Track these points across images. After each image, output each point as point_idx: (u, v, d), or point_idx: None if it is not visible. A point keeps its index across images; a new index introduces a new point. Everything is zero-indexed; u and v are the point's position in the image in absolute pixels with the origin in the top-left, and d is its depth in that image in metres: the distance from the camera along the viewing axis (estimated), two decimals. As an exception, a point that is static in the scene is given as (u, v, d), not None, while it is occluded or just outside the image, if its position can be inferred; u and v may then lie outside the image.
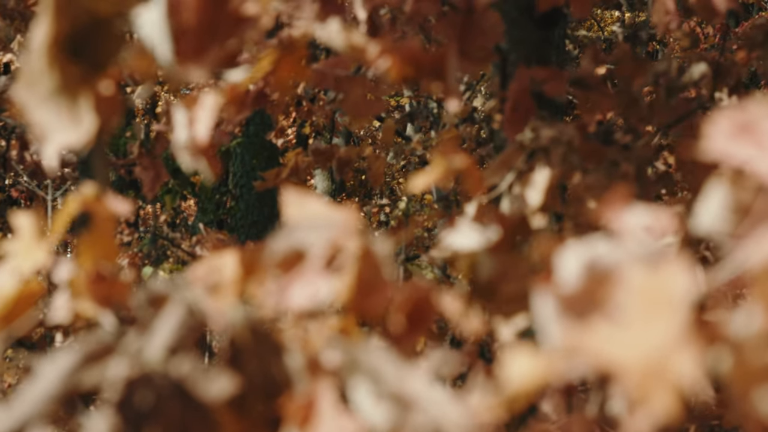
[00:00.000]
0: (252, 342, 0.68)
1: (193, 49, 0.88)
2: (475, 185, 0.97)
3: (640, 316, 0.57)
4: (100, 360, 0.66)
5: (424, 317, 0.75)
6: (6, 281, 0.86)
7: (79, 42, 0.84)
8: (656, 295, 0.57)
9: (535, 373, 0.61)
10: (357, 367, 0.66)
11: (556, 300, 0.61)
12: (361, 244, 0.70)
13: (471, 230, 0.90)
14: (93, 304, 0.87)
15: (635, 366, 0.56)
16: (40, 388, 0.65)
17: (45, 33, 0.83)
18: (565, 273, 0.61)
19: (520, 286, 0.90)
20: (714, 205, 0.62)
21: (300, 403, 0.67)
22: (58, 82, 0.83)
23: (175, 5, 0.89)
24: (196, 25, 0.90)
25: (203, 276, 0.74)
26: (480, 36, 1.47)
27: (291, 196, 0.78)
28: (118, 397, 0.64)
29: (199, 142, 0.96)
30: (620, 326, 0.57)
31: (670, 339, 0.57)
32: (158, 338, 0.68)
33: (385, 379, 0.66)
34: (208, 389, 0.65)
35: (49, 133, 0.84)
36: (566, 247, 0.61)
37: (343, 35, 1.06)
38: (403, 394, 0.64)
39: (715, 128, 0.62)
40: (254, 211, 5.71)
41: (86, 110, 0.84)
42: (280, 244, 0.71)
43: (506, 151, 1.38)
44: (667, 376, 0.55)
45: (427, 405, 0.64)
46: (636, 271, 0.59)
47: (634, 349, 0.56)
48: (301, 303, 0.70)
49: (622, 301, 0.59)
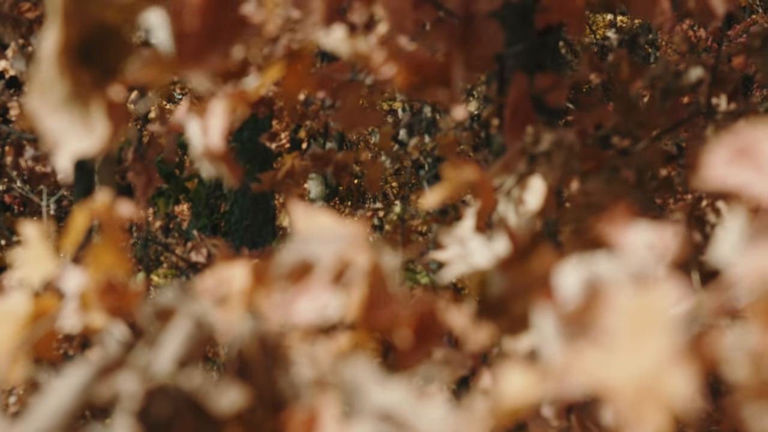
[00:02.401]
0: (260, 355, 0.68)
1: (195, 52, 0.88)
2: (487, 198, 0.98)
3: (630, 336, 0.57)
4: (111, 373, 0.66)
5: (431, 331, 0.75)
6: (20, 299, 0.86)
7: (89, 49, 0.84)
8: (646, 315, 0.57)
9: (529, 390, 0.61)
10: (342, 385, 0.66)
11: (556, 317, 0.61)
12: (370, 257, 0.70)
13: (480, 246, 0.90)
14: (103, 314, 0.87)
15: (626, 387, 0.56)
16: (53, 403, 0.65)
17: (55, 41, 0.83)
18: (565, 290, 0.61)
19: (529, 303, 0.90)
20: (733, 236, 0.62)
21: (303, 417, 0.67)
22: (69, 89, 0.83)
23: (178, 9, 0.89)
24: (199, 28, 0.90)
25: (210, 288, 0.74)
26: (480, 44, 1.48)
27: (299, 209, 0.78)
28: (137, 409, 0.64)
29: (215, 149, 0.97)
30: (610, 347, 0.57)
31: (660, 359, 0.57)
32: (166, 351, 0.68)
33: (369, 396, 0.66)
34: (219, 402, 0.65)
35: (62, 141, 0.84)
36: (566, 263, 0.61)
37: (349, 42, 1.06)
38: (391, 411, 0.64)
39: (714, 155, 0.62)
40: (248, 215, 5.71)
41: (99, 117, 0.84)
42: (288, 256, 0.71)
43: (507, 155, 1.39)
44: (658, 396, 0.55)
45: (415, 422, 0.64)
46: (626, 291, 0.59)
47: (625, 370, 0.56)
48: (308, 317, 0.70)
49: (612, 321, 0.59)
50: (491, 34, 1.46)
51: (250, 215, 5.72)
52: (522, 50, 2.00)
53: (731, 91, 2.17)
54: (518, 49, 1.96)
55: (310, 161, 3.22)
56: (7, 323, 0.87)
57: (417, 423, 0.62)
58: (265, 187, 3.29)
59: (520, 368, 0.61)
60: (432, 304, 0.74)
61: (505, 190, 1.30)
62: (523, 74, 1.69)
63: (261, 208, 5.77)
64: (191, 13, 0.89)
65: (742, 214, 0.62)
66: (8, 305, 0.87)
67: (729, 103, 2.12)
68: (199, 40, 0.91)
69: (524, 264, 0.90)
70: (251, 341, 0.67)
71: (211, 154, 0.97)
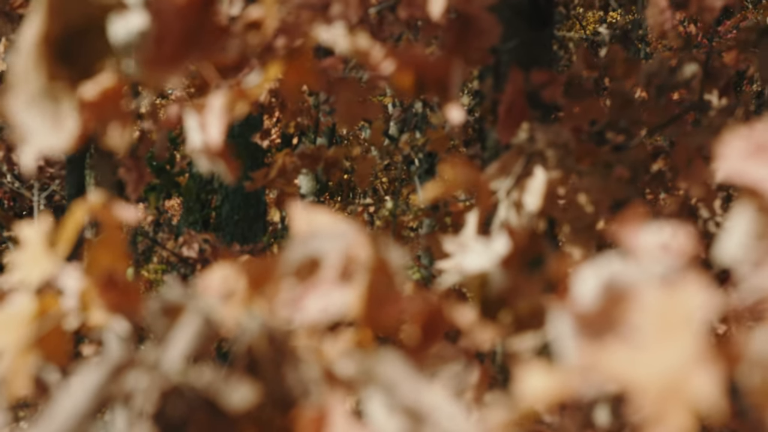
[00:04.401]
0: (269, 352, 0.68)
1: (170, 55, 0.87)
2: (484, 197, 0.97)
3: (657, 336, 0.57)
4: (123, 372, 0.66)
5: (437, 328, 0.75)
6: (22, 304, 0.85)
7: (67, 45, 0.84)
8: (673, 314, 0.57)
9: (550, 389, 0.61)
10: (372, 379, 0.66)
11: (573, 318, 0.61)
12: (376, 254, 0.70)
13: (481, 248, 0.90)
14: (104, 311, 0.86)
15: (651, 385, 0.56)
16: (70, 404, 0.64)
17: (35, 33, 0.82)
18: (582, 292, 0.61)
19: (530, 303, 0.90)
20: (739, 233, 0.62)
21: (312, 415, 0.67)
22: (43, 83, 0.83)
23: (156, 11, 0.89)
24: (177, 31, 0.89)
25: (216, 285, 0.74)
26: (477, 38, 1.47)
27: (298, 210, 0.78)
28: (154, 409, 0.64)
29: (213, 145, 0.96)
30: (637, 346, 0.58)
31: (686, 359, 0.57)
32: (176, 348, 0.67)
33: (400, 391, 0.66)
34: (230, 398, 0.65)
35: (31, 136, 0.83)
36: (584, 265, 0.62)
37: (348, 39, 1.06)
38: (418, 407, 0.64)
39: (729, 149, 0.62)
40: (239, 211, 5.70)
41: (69, 114, 0.83)
42: (295, 253, 0.71)
43: (504, 156, 1.38)
44: (683, 395, 0.56)
45: (441, 419, 0.64)
46: (652, 290, 0.59)
47: (650, 368, 0.56)
48: (315, 314, 0.70)
49: (639, 321, 0.59)
50: (488, 27, 1.46)
51: (241, 210, 5.72)
52: (517, 46, 2.00)
53: (723, 86, 2.17)
54: (514, 44, 1.96)
55: (301, 160, 3.22)
56: (13, 330, 0.86)
57: (446, 421, 0.62)
58: (257, 184, 3.29)
59: (539, 368, 0.61)
60: (439, 301, 0.74)
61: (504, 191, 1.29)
62: (518, 70, 1.69)
63: (252, 204, 5.77)
64: (172, 14, 0.88)
65: (750, 211, 0.62)
66: (14, 308, 0.87)
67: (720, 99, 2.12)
68: (176, 44, 0.90)
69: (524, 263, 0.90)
70: (260, 338, 0.67)
71: (210, 150, 0.96)
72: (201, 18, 0.91)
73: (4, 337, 0.85)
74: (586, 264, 0.61)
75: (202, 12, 0.91)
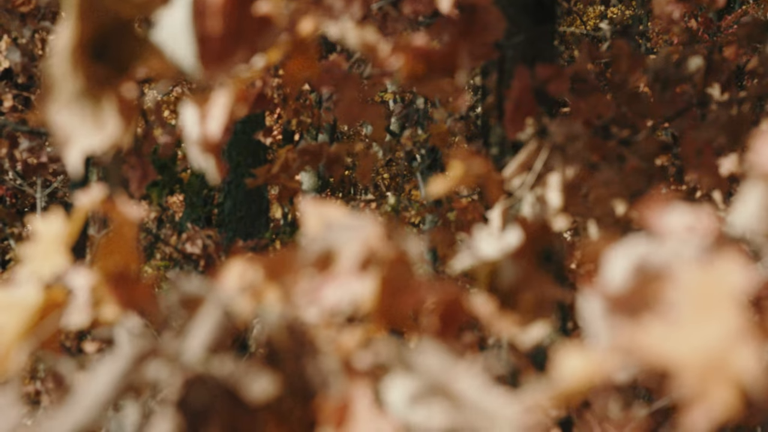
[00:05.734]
0: (289, 343, 0.68)
1: (218, 53, 0.87)
2: (495, 190, 0.97)
3: (696, 313, 0.58)
4: (145, 362, 0.67)
5: (455, 318, 0.75)
6: (29, 291, 0.85)
7: (102, 45, 0.84)
8: (711, 291, 0.58)
9: (588, 371, 0.61)
10: (400, 364, 0.67)
11: (604, 300, 0.61)
12: (395, 245, 0.70)
13: (492, 238, 0.90)
14: (115, 307, 0.87)
15: (693, 362, 0.56)
16: (96, 390, 0.65)
17: (69, 36, 0.83)
18: (613, 274, 0.62)
19: (540, 293, 0.90)
20: (751, 205, 0.62)
21: (336, 404, 0.67)
22: (82, 85, 0.83)
23: (199, 10, 0.89)
24: (221, 30, 0.90)
25: (235, 278, 0.74)
26: (482, 33, 1.48)
27: (309, 204, 0.78)
28: (177, 396, 0.64)
29: (211, 139, 0.96)
30: (676, 324, 0.58)
31: (727, 334, 0.57)
32: (197, 339, 0.68)
33: (432, 375, 0.66)
34: (251, 389, 0.66)
35: (73, 137, 0.84)
36: (614, 248, 0.62)
37: (357, 33, 1.06)
38: (451, 391, 0.64)
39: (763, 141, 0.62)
40: (242, 207, 5.71)
41: (110, 113, 0.84)
42: (313, 245, 0.71)
43: (523, 152, 1.38)
44: (725, 371, 0.56)
45: (479, 403, 0.64)
46: (689, 268, 0.59)
47: (691, 345, 0.57)
48: (335, 304, 0.70)
49: (677, 298, 0.59)
50: (493, 22, 1.46)
51: (243, 206, 5.72)
52: (521, 41, 2.00)
53: (725, 81, 2.17)
54: (519, 39, 1.96)
55: (302, 156, 3.22)
56: (15, 312, 0.87)
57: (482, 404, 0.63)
58: (260, 181, 3.29)
59: (577, 350, 0.62)
60: (458, 291, 0.75)
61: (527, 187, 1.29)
62: (524, 65, 1.69)
63: (254, 200, 5.77)
64: (213, 14, 0.89)
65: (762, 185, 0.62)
66: (17, 295, 0.87)
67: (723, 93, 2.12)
68: (222, 42, 0.90)
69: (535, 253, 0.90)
70: (280, 329, 0.67)
71: (206, 144, 0.96)
72: (243, 14, 0.91)
73: (4, 318, 0.86)
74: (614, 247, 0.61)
75: (244, 8, 0.91)
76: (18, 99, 4.04)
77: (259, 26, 0.92)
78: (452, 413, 0.65)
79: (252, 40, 0.92)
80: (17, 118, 3.75)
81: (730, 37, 2.47)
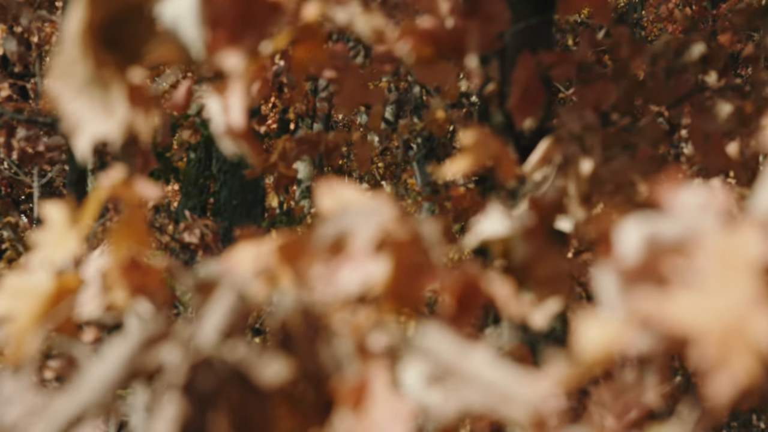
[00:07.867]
0: (304, 327, 0.68)
1: (228, 38, 0.87)
2: (508, 172, 0.98)
3: (718, 280, 0.58)
4: (156, 345, 0.67)
5: (473, 301, 0.75)
6: (42, 277, 0.85)
7: (113, 31, 0.84)
8: (733, 259, 0.58)
9: (609, 341, 0.62)
10: (411, 348, 0.67)
11: (618, 273, 0.62)
12: (410, 227, 0.70)
13: (502, 216, 0.90)
14: (127, 293, 0.87)
15: (714, 329, 0.57)
16: (103, 372, 0.65)
17: (79, 22, 0.82)
18: (625, 247, 0.62)
19: (553, 269, 0.90)
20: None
21: (352, 386, 0.67)
22: (92, 71, 0.83)
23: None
24: (231, 13, 0.89)
25: (248, 262, 0.74)
26: (485, 22, 1.47)
27: (324, 187, 0.78)
28: (183, 381, 0.64)
29: (237, 127, 0.96)
30: (696, 291, 0.58)
31: (748, 301, 0.58)
32: (210, 323, 0.68)
33: (444, 358, 0.66)
34: (264, 373, 0.66)
35: (82, 124, 0.84)
36: (625, 222, 0.63)
37: (365, 17, 1.05)
38: (465, 373, 0.64)
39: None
40: (238, 195, 5.70)
41: (119, 100, 0.84)
42: (328, 228, 0.72)
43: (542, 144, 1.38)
44: (746, 337, 0.56)
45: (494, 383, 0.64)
46: (712, 236, 0.60)
47: (712, 312, 0.57)
48: (350, 286, 0.70)
49: (699, 266, 0.60)
50: (497, 12, 1.45)
51: (239, 195, 5.72)
52: (523, 29, 2.00)
53: (722, 67, 2.18)
54: (521, 27, 1.96)
55: (300, 145, 3.22)
56: (28, 298, 0.87)
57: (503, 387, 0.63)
58: (257, 171, 3.29)
59: (597, 319, 0.62)
60: (475, 274, 0.75)
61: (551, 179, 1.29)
62: (529, 53, 1.69)
63: (250, 189, 5.77)
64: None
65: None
66: (30, 281, 0.87)
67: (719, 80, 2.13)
68: (233, 26, 0.90)
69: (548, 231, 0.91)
70: (294, 313, 0.67)
71: (234, 133, 0.96)
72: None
73: (19, 304, 0.86)
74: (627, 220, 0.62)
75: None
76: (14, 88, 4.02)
77: (267, 11, 0.92)
78: (467, 394, 0.65)
79: (261, 25, 0.92)
80: (13, 107, 3.74)
81: (726, 24, 2.48)
